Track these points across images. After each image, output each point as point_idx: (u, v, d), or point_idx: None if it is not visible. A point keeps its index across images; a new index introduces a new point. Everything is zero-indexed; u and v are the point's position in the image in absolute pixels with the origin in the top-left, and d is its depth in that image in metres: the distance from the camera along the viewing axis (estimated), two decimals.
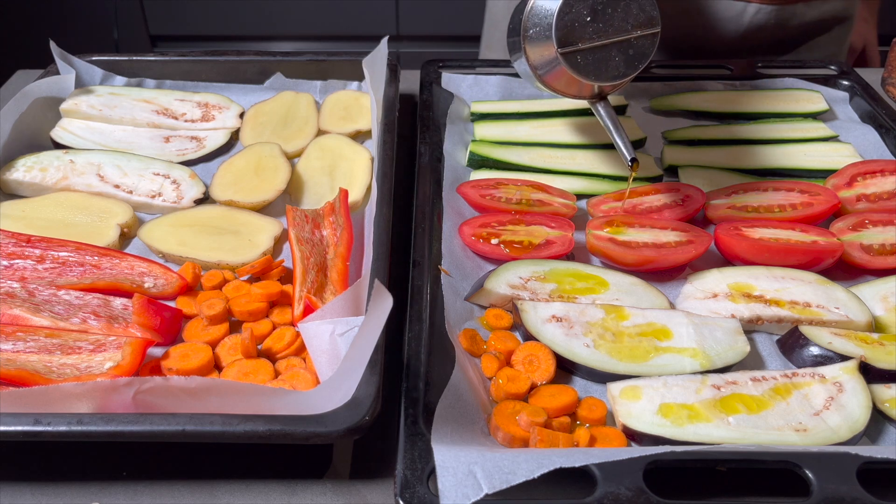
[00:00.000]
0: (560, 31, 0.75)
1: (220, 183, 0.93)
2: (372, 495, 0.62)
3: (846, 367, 0.67)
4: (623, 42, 0.76)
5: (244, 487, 0.62)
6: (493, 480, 0.53)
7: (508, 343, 0.71)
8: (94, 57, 1.12)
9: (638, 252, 0.80)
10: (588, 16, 0.75)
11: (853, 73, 1.12)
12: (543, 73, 0.81)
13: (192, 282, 0.78)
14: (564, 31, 0.75)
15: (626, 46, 0.77)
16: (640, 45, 0.77)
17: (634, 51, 0.77)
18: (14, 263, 0.78)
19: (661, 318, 0.73)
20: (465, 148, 1.00)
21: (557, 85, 0.81)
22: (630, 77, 0.78)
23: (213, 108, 1.08)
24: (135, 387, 0.59)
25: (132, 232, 0.87)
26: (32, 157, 0.94)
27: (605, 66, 0.77)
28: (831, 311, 0.74)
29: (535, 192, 0.89)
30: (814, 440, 0.61)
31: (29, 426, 0.57)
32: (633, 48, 0.77)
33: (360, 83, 1.13)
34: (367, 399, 0.59)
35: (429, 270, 0.76)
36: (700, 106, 1.08)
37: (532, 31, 0.78)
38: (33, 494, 0.62)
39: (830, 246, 0.79)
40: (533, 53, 0.80)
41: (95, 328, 0.72)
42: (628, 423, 0.63)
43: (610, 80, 0.78)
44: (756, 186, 0.90)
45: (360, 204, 0.92)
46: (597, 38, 0.76)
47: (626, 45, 0.77)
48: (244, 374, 0.68)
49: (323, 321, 0.67)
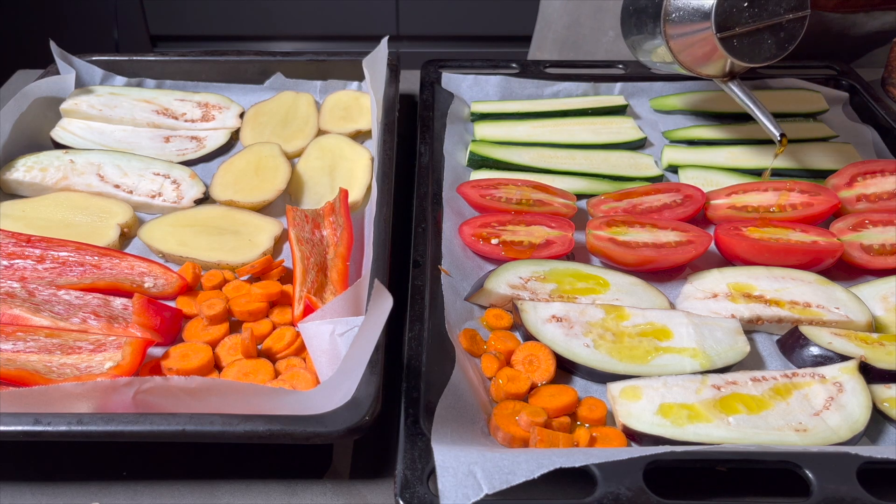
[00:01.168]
0: (720, 16, 0.79)
1: (220, 183, 0.93)
2: (372, 495, 0.62)
3: (846, 368, 0.67)
4: (775, 25, 0.81)
5: (244, 487, 0.62)
6: (493, 480, 0.53)
7: (508, 343, 0.71)
8: (94, 57, 1.12)
9: (638, 252, 0.80)
10: (744, 1, 0.80)
11: (853, 73, 1.12)
12: (684, 55, 0.85)
13: (192, 282, 0.78)
14: (724, 16, 0.80)
15: (777, 29, 0.82)
16: (791, 28, 0.82)
17: (785, 33, 0.82)
18: (14, 263, 0.78)
19: (661, 318, 0.73)
20: (465, 148, 1.00)
21: (695, 65, 0.86)
22: (780, 57, 0.83)
23: (213, 108, 1.08)
24: (135, 387, 0.59)
25: (132, 232, 0.87)
26: (32, 157, 0.94)
27: (758, 48, 0.82)
28: (831, 311, 0.74)
29: (535, 192, 0.89)
30: (814, 440, 0.61)
31: (29, 426, 0.57)
32: (784, 31, 0.82)
33: (360, 83, 1.13)
34: (367, 399, 0.59)
35: (429, 270, 0.76)
36: (700, 106, 1.08)
37: (676, 15, 0.83)
38: (33, 494, 0.62)
39: (830, 246, 0.79)
40: (676, 36, 0.84)
41: (95, 328, 0.72)
42: (628, 423, 0.63)
43: (762, 61, 0.83)
44: (756, 186, 0.90)
45: (360, 204, 0.92)
46: (752, 22, 0.81)
47: (778, 28, 0.82)
48: (244, 374, 0.68)
49: (323, 321, 0.67)
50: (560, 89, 1.11)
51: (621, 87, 1.12)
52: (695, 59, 0.86)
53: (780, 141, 0.83)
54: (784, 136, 0.83)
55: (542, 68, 1.13)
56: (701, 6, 0.80)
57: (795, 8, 0.81)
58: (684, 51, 0.85)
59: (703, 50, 0.83)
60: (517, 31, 2.50)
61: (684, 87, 1.12)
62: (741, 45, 0.81)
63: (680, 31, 0.83)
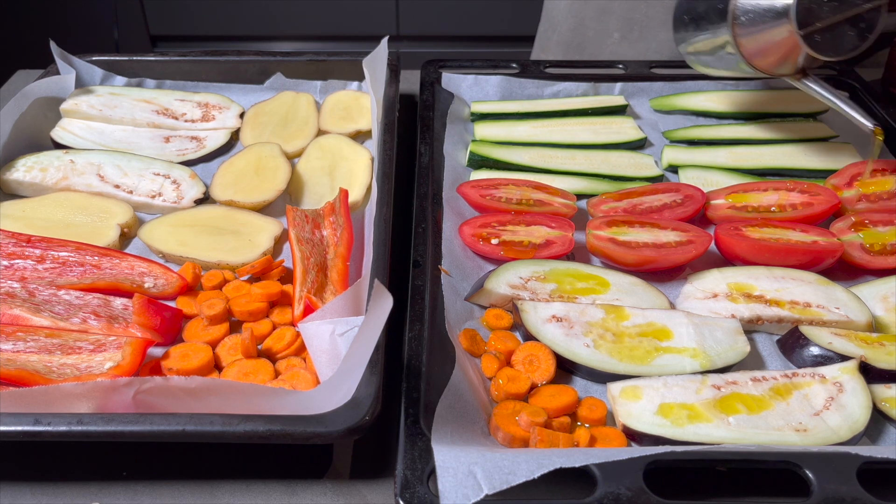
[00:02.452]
0: (801, 13, 0.78)
1: (220, 183, 0.93)
2: (372, 495, 0.62)
3: (846, 368, 0.67)
4: (855, 16, 0.80)
5: (244, 487, 0.62)
6: (494, 481, 0.53)
7: (509, 343, 0.71)
8: (94, 57, 1.12)
9: (638, 252, 0.80)
10: None
11: (853, 73, 1.12)
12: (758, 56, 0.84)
13: (192, 282, 0.78)
14: (805, 13, 0.78)
15: (857, 20, 0.80)
16: (870, 17, 0.80)
17: (865, 23, 0.80)
18: (14, 263, 0.78)
19: (661, 319, 0.73)
20: (465, 148, 1.00)
21: (770, 66, 0.85)
22: (863, 48, 0.81)
23: (213, 108, 1.08)
24: (135, 387, 0.59)
25: (132, 232, 0.87)
26: (32, 157, 0.94)
27: (840, 40, 0.81)
28: (831, 311, 0.74)
29: (535, 192, 0.89)
30: (814, 440, 0.61)
31: (29, 426, 0.57)
32: (864, 20, 0.80)
33: (360, 83, 1.13)
34: (367, 399, 0.59)
35: (429, 270, 0.76)
36: (700, 106, 1.08)
37: (746, 18, 0.81)
38: (33, 494, 0.62)
39: (830, 246, 0.79)
40: (748, 39, 0.83)
41: (95, 328, 0.72)
42: (628, 423, 0.63)
43: (845, 53, 0.81)
44: (756, 186, 0.90)
45: (360, 204, 0.92)
46: (832, 14, 0.79)
47: (858, 19, 0.80)
48: (244, 374, 0.68)
49: (323, 321, 0.67)
50: (560, 89, 1.11)
51: (621, 87, 1.12)
52: (768, 60, 0.84)
53: (875, 132, 0.82)
54: (878, 126, 0.82)
55: (542, 68, 1.13)
56: (775, 6, 0.79)
57: None
58: (757, 52, 0.84)
59: (781, 49, 0.82)
60: (517, 32, 2.51)
61: (684, 87, 1.12)
62: (823, 39, 0.80)
63: (752, 33, 0.82)
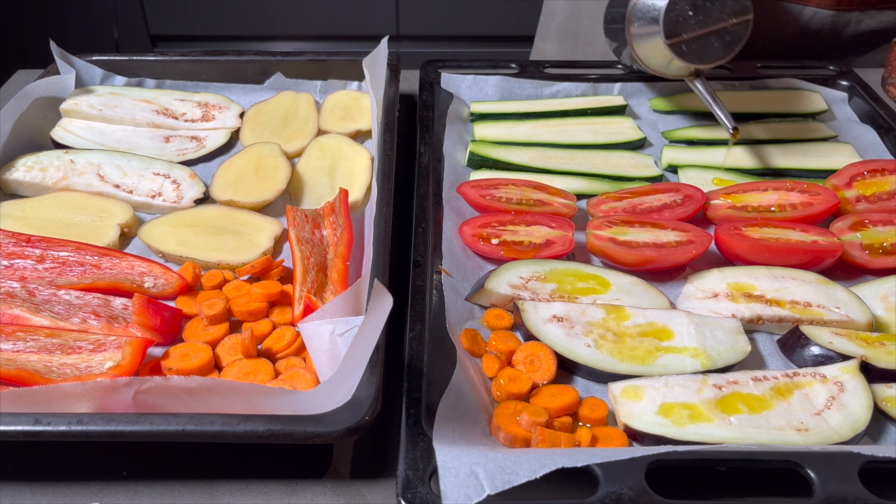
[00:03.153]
0: (668, 25, 0.88)
1: (220, 183, 0.93)
2: (372, 495, 0.62)
3: (847, 367, 0.67)
4: (721, 30, 0.89)
5: (244, 487, 0.62)
6: (495, 481, 0.53)
7: (509, 343, 0.71)
8: (94, 57, 1.12)
9: (638, 252, 0.80)
10: (690, 10, 0.87)
11: (852, 73, 1.12)
12: (648, 58, 0.95)
13: (192, 282, 0.78)
14: (671, 25, 0.88)
15: (723, 33, 0.89)
16: (736, 31, 0.89)
17: (731, 36, 0.90)
18: (14, 263, 0.78)
19: (661, 318, 0.72)
20: (465, 148, 1.00)
21: (659, 68, 0.96)
22: (728, 59, 0.91)
23: (213, 107, 1.08)
24: (135, 387, 0.59)
25: (132, 232, 0.87)
26: (32, 157, 0.94)
27: (706, 51, 0.90)
28: (832, 310, 0.74)
29: (535, 192, 0.89)
30: (815, 440, 0.61)
31: (29, 426, 0.57)
32: (730, 34, 0.89)
33: (360, 83, 1.13)
34: (368, 399, 0.59)
35: (429, 270, 0.76)
36: (700, 106, 1.08)
37: (636, 24, 0.92)
38: (33, 494, 0.62)
39: (831, 246, 0.79)
40: (639, 42, 0.93)
41: (95, 328, 0.71)
42: (630, 423, 0.63)
43: (710, 62, 0.91)
44: (756, 186, 0.89)
45: (360, 204, 0.92)
46: (698, 28, 0.89)
47: (724, 32, 0.89)
48: (244, 374, 0.68)
49: (323, 321, 0.67)
50: (559, 89, 1.11)
51: (621, 87, 1.12)
52: (658, 63, 0.95)
53: (732, 133, 0.90)
54: (736, 129, 0.90)
55: (542, 68, 1.13)
56: (652, 16, 0.89)
57: (738, 13, 0.89)
58: (648, 55, 0.94)
59: (663, 53, 0.91)
60: (517, 31, 2.50)
61: (684, 87, 1.12)
62: (690, 49, 0.89)
63: (641, 39, 0.93)
